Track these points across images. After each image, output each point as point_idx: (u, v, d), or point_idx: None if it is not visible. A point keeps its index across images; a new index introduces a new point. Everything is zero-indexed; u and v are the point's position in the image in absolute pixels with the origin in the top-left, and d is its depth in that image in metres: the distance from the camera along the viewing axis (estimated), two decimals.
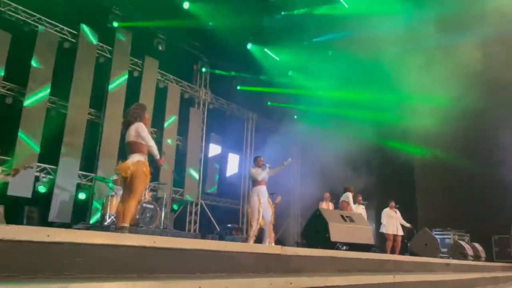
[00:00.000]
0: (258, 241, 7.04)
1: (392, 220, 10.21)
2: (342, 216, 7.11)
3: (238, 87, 14.96)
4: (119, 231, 4.33)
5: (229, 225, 12.72)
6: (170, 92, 12.73)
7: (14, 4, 9.50)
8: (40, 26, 9.87)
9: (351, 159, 11.96)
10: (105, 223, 8.35)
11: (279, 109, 15.60)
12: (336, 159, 11.93)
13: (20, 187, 8.77)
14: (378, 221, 10.66)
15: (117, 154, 10.12)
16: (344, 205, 9.45)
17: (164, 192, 10.65)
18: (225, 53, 13.08)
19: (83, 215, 9.95)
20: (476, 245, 10.58)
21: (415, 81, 10.78)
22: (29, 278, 2.00)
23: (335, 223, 6.64)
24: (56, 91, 9.98)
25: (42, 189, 9.36)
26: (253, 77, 14.58)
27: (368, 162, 12.73)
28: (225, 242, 3.96)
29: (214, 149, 14.31)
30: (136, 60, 11.87)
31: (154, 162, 4.90)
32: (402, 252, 10.35)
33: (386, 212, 10.34)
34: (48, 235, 2.16)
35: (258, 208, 6.87)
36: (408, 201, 12.53)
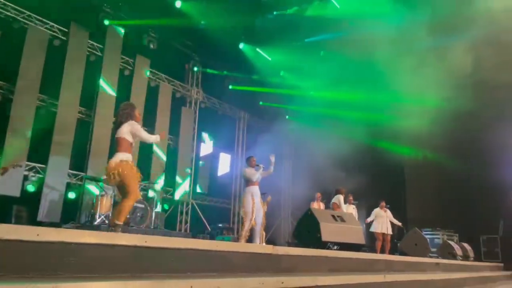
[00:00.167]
0: (248, 241, 7.04)
1: (382, 220, 10.29)
2: (333, 216, 7.15)
3: (230, 87, 14.92)
4: (112, 229, 4.31)
5: (220, 225, 12.71)
6: (162, 91, 12.65)
7: (4, 1, 9.37)
8: (30, 23, 9.76)
9: (342, 159, 12.02)
10: (95, 223, 8.29)
11: (271, 109, 15.63)
12: (327, 159, 11.99)
13: (9, 186, 8.63)
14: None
15: (108, 153, 10.03)
16: (335, 207, 9.46)
17: (155, 192, 10.59)
18: (217, 53, 13.02)
19: (73, 215, 9.82)
20: (465, 245, 10.72)
21: (407, 82, 10.84)
22: (19, 278, 1.98)
23: (327, 223, 6.67)
24: (46, 89, 9.85)
25: (31, 188, 9.24)
26: (245, 77, 14.56)
27: (359, 162, 12.79)
28: (217, 242, 3.96)
29: (206, 149, 14.27)
30: (128, 59, 11.78)
31: None
32: (392, 252, 10.42)
33: (376, 212, 10.43)
34: (38, 234, 2.14)
35: (252, 208, 6.87)
36: (399, 201, 12.66)
